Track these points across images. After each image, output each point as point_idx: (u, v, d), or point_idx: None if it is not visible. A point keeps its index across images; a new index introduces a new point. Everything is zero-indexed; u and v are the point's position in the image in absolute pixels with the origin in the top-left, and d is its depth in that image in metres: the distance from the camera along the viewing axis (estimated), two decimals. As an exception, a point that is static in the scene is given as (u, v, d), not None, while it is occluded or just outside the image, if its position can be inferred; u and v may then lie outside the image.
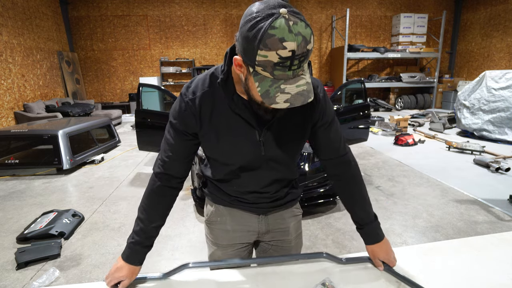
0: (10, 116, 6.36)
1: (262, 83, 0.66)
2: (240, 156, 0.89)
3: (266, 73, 0.65)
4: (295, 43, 0.60)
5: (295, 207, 1.10)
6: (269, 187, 0.97)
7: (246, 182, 0.96)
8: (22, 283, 2.03)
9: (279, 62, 0.62)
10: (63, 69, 8.60)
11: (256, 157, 0.89)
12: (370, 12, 10.57)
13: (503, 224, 2.70)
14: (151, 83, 5.71)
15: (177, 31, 9.84)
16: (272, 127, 0.86)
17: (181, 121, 0.86)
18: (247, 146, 0.87)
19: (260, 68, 0.65)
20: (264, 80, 0.66)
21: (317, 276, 0.91)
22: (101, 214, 3.06)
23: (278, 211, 1.05)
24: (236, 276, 0.93)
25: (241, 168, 0.92)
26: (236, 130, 0.85)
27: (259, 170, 0.92)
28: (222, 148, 0.88)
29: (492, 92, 5.58)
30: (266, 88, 0.66)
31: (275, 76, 0.65)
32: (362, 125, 3.94)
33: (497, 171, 3.98)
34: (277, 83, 0.65)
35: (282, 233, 1.07)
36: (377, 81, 10.13)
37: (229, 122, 0.84)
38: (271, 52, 0.61)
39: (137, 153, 5.28)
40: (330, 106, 0.92)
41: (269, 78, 0.66)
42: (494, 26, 9.41)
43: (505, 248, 1.02)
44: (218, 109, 0.84)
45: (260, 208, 1.01)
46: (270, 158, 0.90)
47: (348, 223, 2.77)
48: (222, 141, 0.86)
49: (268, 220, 1.04)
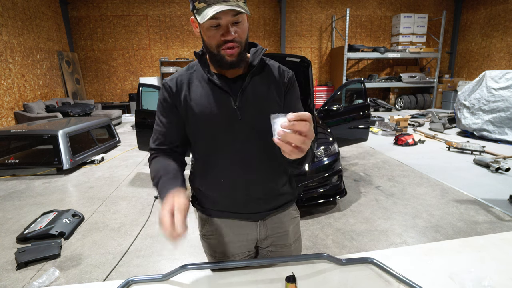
0: (10, 116, 6.36)
1: (201, 14, 0.78)
2: (219, 125, 0.91)
3: (202, 4, 0.77)
4: None
5: (292, 209, 1.09)
6: (257, 173, 0.95)
7: (232, 166, 0.94)
8: (22, 283, 2.03)
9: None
10: (63, 69, 8.60)
11: (234, 123, 0.91)
12: (370, 12, 10.57)
13: (503, 224, 2.70)
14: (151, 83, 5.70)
15: (177, 31, 9.84)
16: (246, 93, 0.91)
17: (164, 102, 0.95)
18: (224, 112, 0.90)
19: (197, 2, 0.78)
20: (203, 11, 0.77)
21: (317, 277, 0.91)
22: (101, 214, 3.06)
23: (276, 214, 1.04)
24: (236, 278, 0.93)
25: (223, 145, 0.92)
26: (212, 98, 0.91)
27: (240, 144, 0.92)
28: (201, 118, 0.91)
29: (492, 92, 5.58)
30: (202, 13, 0.77)
31: (208, 3, 0.77)
32: (362, 125, 3.94)
33: (497, 171, 3.98)
34: (209, 7, 0.77)
35: (281, 237, 1.06)
36: (377, 81, 10.13)
37: (205, 92, 0.91)
38: None
39: (137, 153, 5.28)
40: (296, 84, 1.03)
41: (204, 6, 0.77)
42: (494, 26, 9.41)
43: (505, 248, 1.02)
44: (193, 85, 0.93)
45: (256, 213, 1.00)
46: (247, 124, 0.91)
47: (348, 223, 2.77)
48: (200, 110, 0.91)
49: (267, 225, 1.03)
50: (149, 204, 3.26)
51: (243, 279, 0.92)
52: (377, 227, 2.70)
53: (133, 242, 2.53)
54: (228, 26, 0.80)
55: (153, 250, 2.43)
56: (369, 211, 3.00)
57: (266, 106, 0.93)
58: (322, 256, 0.97)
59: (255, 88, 0.93)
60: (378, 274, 0.92)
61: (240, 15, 0.80)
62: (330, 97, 3.86)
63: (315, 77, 10.66)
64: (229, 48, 0.83)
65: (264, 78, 0.95)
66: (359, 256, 0.99)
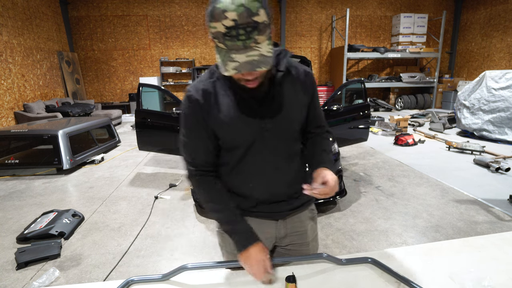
0: (10, 116, 6.36)
1: (220, 54, 0.75)
2: (248, 135, 0.92)
3: (221, 44, 0.73)
4: (235, 13, 0.67)
5: (311, 208, 1.11)
6: (282, 177, 0.98)
7: (259, 171, 0.96)
8: (22, 283, 2.03)
9: (226, 32, 0.70)
10: (63, 69, 8.60)
11: (262, 131, 0.91)
12: (370, 12, 10.57)
13: (503, 224, 2.69)
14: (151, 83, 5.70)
15: (177, 31, 9.84)
16: (273, 101, 0.91)
17: (191, 116, 0.92)
18: (252, 122, 0.91)
19: (216, 40, 0.73)
20: (221, 51, 0.74)
21: (317, 277, 0.91)
22: (101, 214, 3.06)
23: (296, 213, 1.06)
24: (236, 278, 0.93)
25: (252, 153, 0.94)
26: (239, 108, 0.90)
27: (268, 150, 0.94)
28: (230, 129, 0.91)
29: (492, 92, 5.58)
30: (221, 58, 0.75)
31: (227, 47, 0.72)
32: (362, 125, 3.94)
33: (497, 171, 3.98)
34: (229, 53, 0.73)
35: (300, 236, 1.08)
36: (377, 81, 10.13)
37: (232, 103, 0.90)
38: (218, 23, 0.69)
39: (137, 153, 5.28)
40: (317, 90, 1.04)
41: (224, 49, 0.73)
42: (494, 26, 9.41)
43: (505, 248, 1.02)
44: (219, 96, 0.91)
45: (278, 212, 1.01)
46: (275, 131, 0.92)
47: (348, 223, 2.77)
48: (229, 121, 0.90)
49: (286, 224, 1.05)
50: (149, 204, 3.26)
51: (243, 279, 0.92)
52: (377, 227, 2.70)
53: (133, 242, 2.53)
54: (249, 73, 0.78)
55: (153, 250, 2.43)
56: (369, 211, 3.00)
57: (293, 111, 0.95)
58: (322, 256, 0.97)
59: (282, 94, 0.92)
60: (378, 274, 0.92)
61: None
62: (330, 97, 3.86)
63: (315, 77, 10.65)
64: (248, 80, 0.82)
65: (290, 83, 0.95)
66: (359, 256, 0.99)
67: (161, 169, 4.43)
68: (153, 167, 4.55)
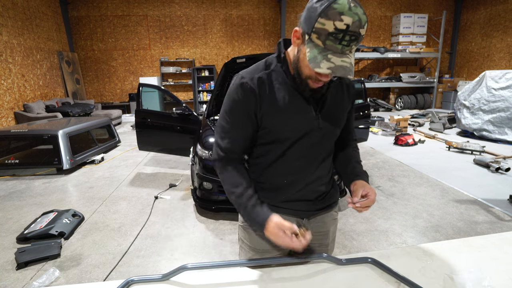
0: (10, 116, 6.36)
1: (312, 50, 0.76)
2: (298, 132, 0.93)
3: (319, 41, 0.74)
4: (351, 19, 0.70)
5: (334, 210, 1.12)
6: (316, 175, 0.99)
7: (299, 168, 0.97)
8: (22, 283, 2.03)
9: (333, 33, 0.71)
10: (63, 69, 8.60)
11: (312, 129, 0.94)
12: (370, 12, 10.57)
13: (503, 224, 2.70)
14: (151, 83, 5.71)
15: (177, 31, 9.84)
16: (325, 102, 0.95)
17: (242, 104, 0.91)
18: (305, 120, 0.92)
19: (315, 35, 0.74)
20: (315, 47, 0.76)
21: (317, 277, 0.91)
22: (101, 214, 3.06)
23: (320, 214, 1.07)
24: (236, 278, 0.93)
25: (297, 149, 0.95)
26: (294, 104, 0.91)
27: (311, 149, 0.96)
28: (281, 124, 0.92)
29: (492, 92, 5.58)
30: (315, 54, 0.76)
31: (325, 46, 0.74)
32: (362, 125, 3.93)
33: (497, 171, 3.98)
34: (325, 52, 0.75)
35: (322, 237, 1.09)
36: (377, 81, 10.13)
37: (287, 97, 0.90)
38: (329, 22, 0.71)
39: (137, 153, 5.28)
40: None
41: (320, 47, 0.75)
42: (494, 26, 9.41)
43: (505, 248, 1.02)
44: (275, 87, 0.91)
45: (305, 211, 1.02)
46: (323, 131, 0.95)
47: (348, 223, 2.77)
48: (282, 116, 0.91)
49: (310, 224, 1.05)
50: (149, 204, 3.26)
51: (243, 279, 0.92)
52: (377, 227, 2.70)
53: (133, 242, 2.53)
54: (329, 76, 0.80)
55: (153, 250, 2.43)
56: (369, 211, 3.00)
57: (340, 115, 1.00)
58: (322, 256, 0.97)
59: (333, 96, 0.97)
60: (378, 274, 0.92)
61: None
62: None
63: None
64: (319, 81, 0.84)
65: (339, 86, 0.99)
66: (359, 256, 0.99)
67: (161, 169, 4.43)
68: (153, 167, 4.55)
